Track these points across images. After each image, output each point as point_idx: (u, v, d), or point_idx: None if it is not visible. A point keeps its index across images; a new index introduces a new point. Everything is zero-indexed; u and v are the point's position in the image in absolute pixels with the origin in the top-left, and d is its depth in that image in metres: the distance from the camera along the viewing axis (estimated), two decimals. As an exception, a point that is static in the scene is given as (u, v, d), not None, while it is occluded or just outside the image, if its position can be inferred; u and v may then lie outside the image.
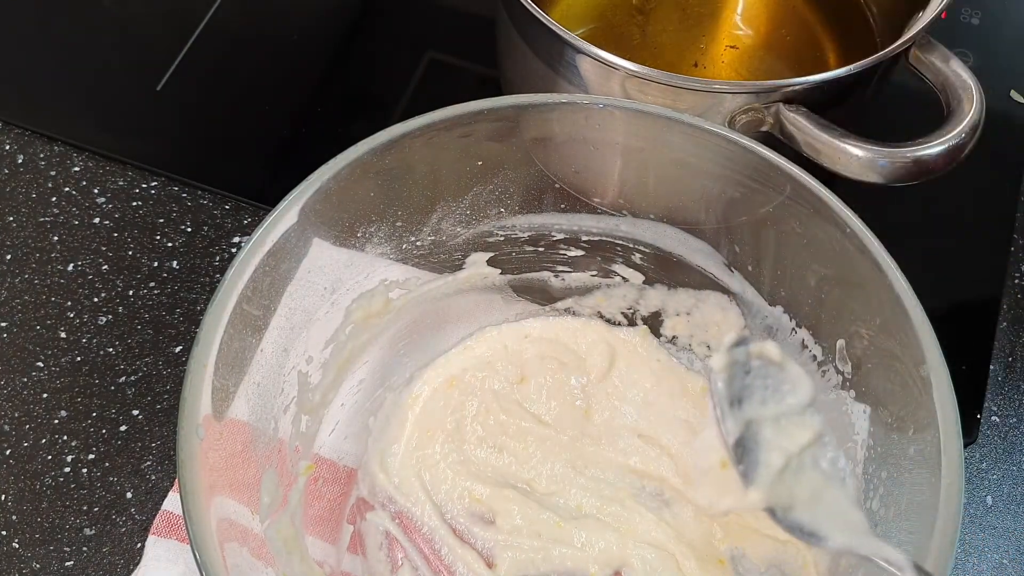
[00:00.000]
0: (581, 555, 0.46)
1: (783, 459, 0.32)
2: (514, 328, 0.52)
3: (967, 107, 0.47)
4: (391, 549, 0.47)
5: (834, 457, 0.32)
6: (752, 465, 0.32)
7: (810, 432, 0.32)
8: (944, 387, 0.36)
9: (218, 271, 0.57)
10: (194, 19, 0.68)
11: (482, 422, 0.49)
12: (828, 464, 0.33)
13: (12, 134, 0.63)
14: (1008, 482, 0.51)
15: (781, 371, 0.33)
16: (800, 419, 0.32)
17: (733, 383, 0.32)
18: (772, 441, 0.32)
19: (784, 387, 0.33)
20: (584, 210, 0.48)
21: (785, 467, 0.32)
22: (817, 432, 0.32)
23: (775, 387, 0.33)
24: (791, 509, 0.32)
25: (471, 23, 0.69)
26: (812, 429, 0.32)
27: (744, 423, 0.32)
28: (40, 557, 0.49)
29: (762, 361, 0.33)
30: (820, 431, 0.32)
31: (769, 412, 0.32)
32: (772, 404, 0.32)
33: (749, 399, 0.32)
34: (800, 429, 0.32)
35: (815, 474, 0.32)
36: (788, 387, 0.33)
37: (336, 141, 0.43)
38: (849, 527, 0.32)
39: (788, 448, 0.32)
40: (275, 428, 0.43)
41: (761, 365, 0.33)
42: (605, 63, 0.47)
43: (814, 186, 0.40)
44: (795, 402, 0.33)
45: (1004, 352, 0.55)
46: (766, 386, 0.33)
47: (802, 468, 0.32)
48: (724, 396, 0.32)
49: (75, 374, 0.54)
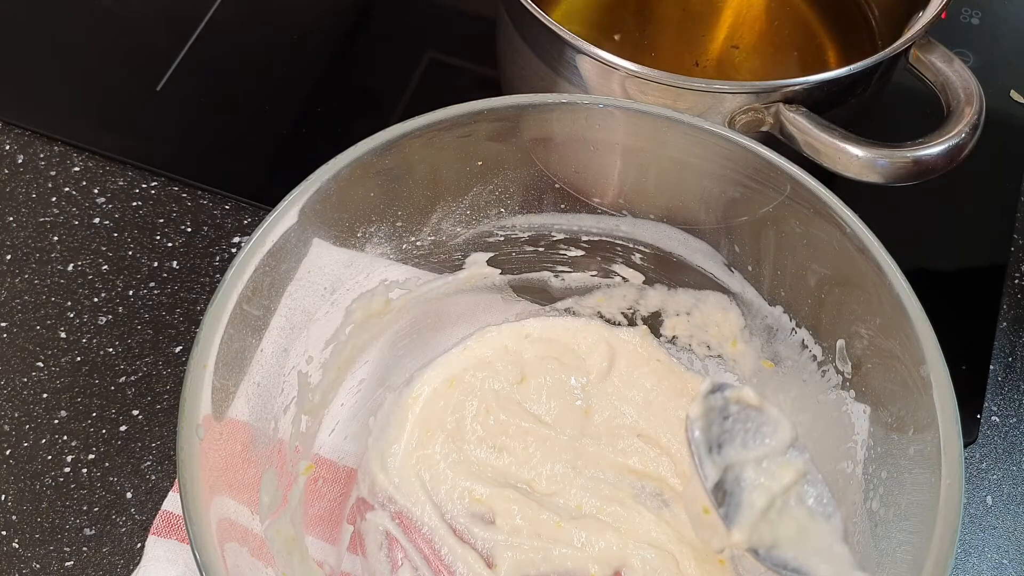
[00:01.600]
0: (581, 555, 0.46)
1: (767, 499, 0.32)
2: (514, 328, 0.52)
3: (967, 107, 0.47)
4: (391, 549, 0.47)
5: (819, 494, 0.33)
6: (734, 507, 0.32)
7: (793, 471, 0.33)
8: (944, 387, 0.36)
9: (218, 271, 0.57)
10: (194, 19, 0.68)
11: (482, 422, 0.49)
12: (814, 501, 0.33)
13: (12, 134, 0.63)
14: (1008, 482, 0.51)
15: (760, 414, 0.33)
16: (783, 459, 0.33)
17: (711, 429, 0.33)
18: (755, 482, 0.32)
19: (764, 429, 0.33)
20: (584, 210, 0.48)
21: (769, 506, 0.32)
22: (800, 471, 0.33)
23: (755, 430, 0.33)
24: (776, 547, 0.32)
25: (471, 23, 0.69)
26: (795, 469, 0.33)
27: (724, 467, 0.33)
28: (40, 557, 0.49)
29: (740, 406, 0.34)
30: (804, 470, 0.33)
31: (751, 455, 0.33)
32: (753, 447, 0.33)
33: (730, 443, 0.33)
34: (783, 469, 0.33)
35: (800, 512, 0.33)
36: (768, 429, 0.33)
37: (336, 141, 0.43)
38: (834, 562, 0.33)
39: (771, 488, 0.32)
40: (275, 428, 0.43)
41: (740, 410, 0.34)
42: (605, 63, 0.47)
43: (814, 186, 0.40)
44: (777, 443, 0.33)
45: (1004, 352, 0.55)
46: (746, 430, 0.33)
47: (787, 507, 0.33)
48: (702, 443, 0.33)
49: (75, 374, 0.54)
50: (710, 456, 0.33)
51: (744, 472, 0.33)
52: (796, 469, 0.33)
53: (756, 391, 0.33)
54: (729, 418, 0.33)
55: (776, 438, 0.33)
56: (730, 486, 0.32)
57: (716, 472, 0.33)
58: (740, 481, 0.32)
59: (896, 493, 0.38)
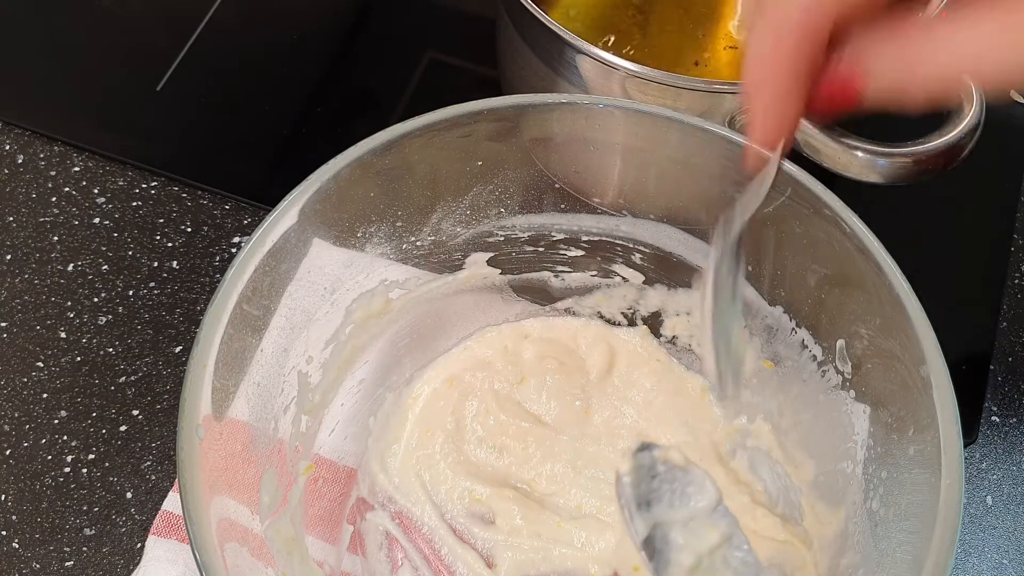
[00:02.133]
0: (581, 555, 0.46)
1: (694, 558, 0.33)
2: (514, 328, 0.52)
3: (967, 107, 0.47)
4: (391, 549, 0.47)
5: (744, 556, 0.34)
6: (663, 564, 0.33)
7: (718, 533, 0.34)
8: (944, 387, 0.36)
9: (218, 271, 0.57)
10: (194, 19, 0.68)
11: (482, 422, 0.49)
12: (739, 563, 0.34)
13: (12, 134, 0.63)
14: (1008, 482, 0.51)
15: (686, 475, 0.34)
16: (709, 521, 0.34)
17: (640, 486, 0.34)
18: (682, 543, 0.33)
19: (690, 490, 0.34)
20: (584, 210, 0.48)
21: (696, 566, 0.33)
22: (725, 534, 0.34)
23: (681, 491, 0.34)
24: None
25: (471, 23, 0.69)
26: (720, 530, 0.34)
27: (653, 524, 0.33)
28: (40, 557, 0.49)
29: (667, 466, 0.34)
30: (728, 532, 0.34)
31: (678, 515, 0.34)
32: (680, 508, 0.34)
33: (658, 502, 0.34)
34: (709, 530, 0.34)
35: (726, 572, 0.34)
36: (693, 490, 0.34)
37: (336, 141, 0.43)
38: None
39: (698, 549, 0.33)
40: (275, 428, 0.43)
41: (667, 470, 0.34)
42: (605, 63, 0.47)
43: (814, 186, 0.40)
44: (703, 505, 0.34)
45: (1004, 352, 0.55)
46: (673, 490, 0.34)
47: (713, 567, 0.33)
48: (631, 498, 0.33)
49: (75, 374, 0.54)
50: (639, 512, 0.33)
51: (671, 532, 0.33)
52: (721, 532, 0.34)
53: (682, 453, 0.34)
54: (656, 477, 0.34)
55: (702, 499, 0.34)
56: (659, 544, 0.33)
57: (646, 528, 0.33)
58: (668, 540, 0.33)
59: (896, 493, 0.38)
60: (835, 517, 0.42)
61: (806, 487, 0.45)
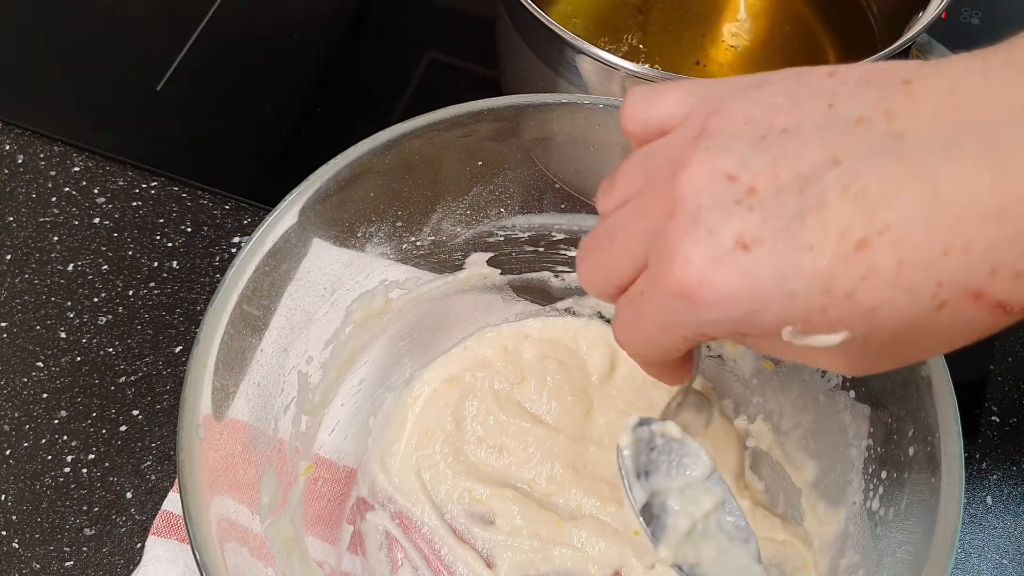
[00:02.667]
0: (581, 555, 0.46)
1: (689, 522, 0.35)
2: (514, 328, 0.52)
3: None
4: (391, 549, 0.47)
5: (735, 520, 0.36)
6: (661, 528, 0.35)
7: (713, 499, 0.36)
8: (944, 387, 0.36)
9: (218, 271, 0.57)
10: (194, 19, 0.68)
11: (482, 422, 0.49)
12: (731, 527, 0.36)
13: (12, 134, 0.63)
14: (1008, 482, 0.51)
15: (683, 447, 0.36)
16: (704, 487, 0.36)
17: (639, 458, 0.36)
18: (678, 508, 0.36)
19: (686, 460, 0.36)
20: (584, 210, 0.48)
21: (692, 530, 0.35)
22: (719, 499, 0.36)
23: (678, 461, 0.36)
24: (698, 566, 0.36)
25: (471, 23, 0.69)
26: (715, 496, 0.36)
27: (651, 492, 0.36)
28: (40, 557, 0.49)
29: (665, 439, 0.36)
30: (722, 498, 0.36)
31: (675, 484, 0.36)
32: (677, 477, 0.36)
33: (656, 472, 0.36)
34: (704, 496, 0.36)
35: (719, 535, 0.36)
36: (690, 460, 0.36)
37: (336, 141, 0.43)
38: None
39: (693, 513, 0.35)
40: (275, 428, 0.43)
41: (664, 442, 0.36)
42: (605, 63, 0.47)
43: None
44: (698, 474, 0.36)
45: (1004, 352, 0.55)
46: (670, 461, 0.36)
47: (707, 530, 0.36)
48: (631, 469, 0.36)
49: (75, 374, 0.54)
50: (639, 481, 0.36)
51: (669, 499, 0.36)
52: (715, 497, 0.36)
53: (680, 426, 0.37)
54: (655, 449, 0.36)
55: (697, 469, 0.36)
56: (657, 510, 0.35)
57: (644, 496, 0.36)
58: (665, 506, 0.35)
59: (896, 493, 0.38)
60: (835, 517, 0.42)
61: (806, 487, 0.45)
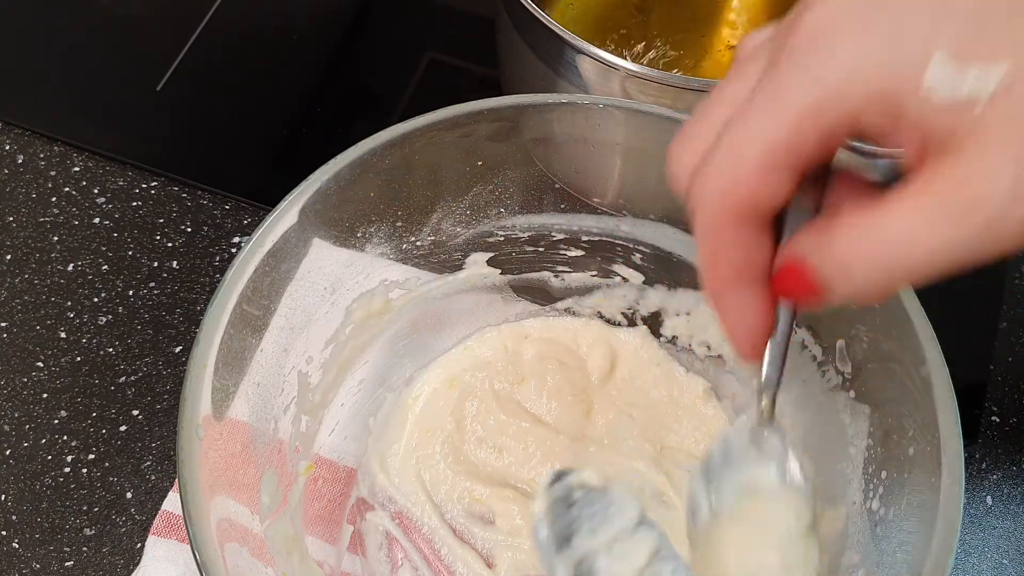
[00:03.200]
0: (581, 555, 0.45)
1: None
2: (514, 328, 0.52)
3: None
4: (391, 549, 0.47)
5: (675, 569, 0.32)
6: None
7: (646, 549, 0.32)
8: (944, 387, 0.36)
9: (218, 271, 0.57)
10: (194, 19, 0.68)
11: (482, 422, 0.49)
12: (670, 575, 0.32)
13: (12, 134, 0.63)
14: (1008, 482, 0.51)
15: (605, 495, 0.32)
16: (633, 538, 0.32)
17: (557, 523, 0.32)
18: (609, 570, 0.31)
19: (611, 510, 0.32)
20: (584, 210, 0.48)
21: None
22: (653, 548, 0.32)
23: (602, 512, 0.32)
24: None
25: (471, 23, 0.69)
26: (647, 545, 0.32)
27: (577, 560, 0.31)
28: (40, 557, 0.49)
29: (584, 490, 0.32)
30: (656, 546, 0.32)
31: (600, 541, 0.32)
32: (602, 531, 0.32)
33: (578, 532, 0.32)
34: (635, 548, 0.32)
35: None
36: (614, 509, 0.32)
37: (336, 141, 0.43)
38: None
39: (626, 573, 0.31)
40: (275, 428, 0.43)
41: (584, 494, 0.32)
42: (605, 63, 0.47)
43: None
44: (625, 522, 0.32)
45: (1004, 352, 0.55)
46: (593, 514, 0.32)
47: None
48: (550, 542, 0.31)
49: (75, 374, 0.54)
50: (560, 555, 0.31)
51: (597, 561, 0.31)
52: (648, 547, 0.32)
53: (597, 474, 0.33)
54: (574, 505, 0.32)
55: (624, 515, 0.32)
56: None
57: (568, 571, 0.31)
58: (593, 572, 0.31)
59: (896, 493, 0.38)
60: (835, 517, 0.42)
61: (806, 487, 0.45)
